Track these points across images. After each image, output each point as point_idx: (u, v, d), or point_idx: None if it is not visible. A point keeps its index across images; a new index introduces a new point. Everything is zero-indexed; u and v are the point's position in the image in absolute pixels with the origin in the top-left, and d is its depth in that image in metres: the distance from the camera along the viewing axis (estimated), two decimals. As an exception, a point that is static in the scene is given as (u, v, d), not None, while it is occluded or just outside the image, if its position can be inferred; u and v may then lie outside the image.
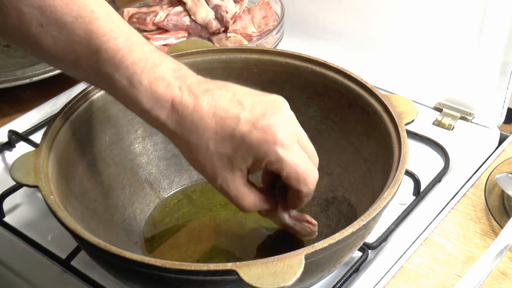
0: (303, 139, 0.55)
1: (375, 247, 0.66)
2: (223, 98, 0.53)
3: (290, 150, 0.53)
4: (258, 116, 0.52)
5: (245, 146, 0.52)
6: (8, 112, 0.92)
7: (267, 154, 0.52)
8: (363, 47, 0.93)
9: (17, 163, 0.59)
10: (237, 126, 0.52)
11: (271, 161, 0.53)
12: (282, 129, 0.52)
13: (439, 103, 0.88)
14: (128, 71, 0.53)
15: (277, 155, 0.52)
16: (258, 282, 0.46)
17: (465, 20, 0.81)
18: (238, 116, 0.52)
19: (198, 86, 0.54)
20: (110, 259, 0.53)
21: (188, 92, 0.53)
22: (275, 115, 0.53)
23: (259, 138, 0.52)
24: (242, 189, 0.56)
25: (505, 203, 0.72)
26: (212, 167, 0.54)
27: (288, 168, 0.53)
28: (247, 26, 0.94)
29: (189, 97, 0.53)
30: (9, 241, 0.70)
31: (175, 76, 0.54)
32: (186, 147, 0.55)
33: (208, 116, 0.53)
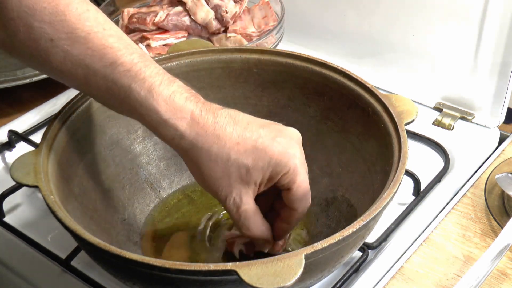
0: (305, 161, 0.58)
1: (375, 247, 0.66)
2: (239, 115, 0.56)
3: (304, 168, 0.56)
4: (277, 132, 0.55)
5: (267, 157, 0.54)
6: (8, 112, 0.92)
7: (287, 165, 0.54)
8: (363, 47, 0.93)
9: (17, 163, 0.59)
10: (258, 138, 0.54)
11: (288, 173, 0.55)
12: (297, 146, 0.56)
13: (439, 103, 0.88)
14: (146, 82, 0.54)
15: (295, 167, 0.55)
16: (258, 282, 0.46)
17: (465, 20, 0.81)
18: (258, 131, 0.55)
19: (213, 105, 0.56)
20: (110, 259, 0.53)
21: (205, 107, 0.55)
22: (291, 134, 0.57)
23: (281, 150, 0.54)
24: (253, 207, 0.56)
25: (505, 203, 0.72)
26: (229, 180, 0.54)
27: (299, 182, 0.55)
28: (247, 26, 0.94)
29: (208, 112, 0.54)
30: (9, 241, 0.70)
31: (190, 93, 0.55)
32: (204, 159, 0.54)
33: (229, 127, 0.54)
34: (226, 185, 0.55)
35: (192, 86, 0.57)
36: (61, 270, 0.66)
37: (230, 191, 0.55)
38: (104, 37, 0.55)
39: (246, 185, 0.55)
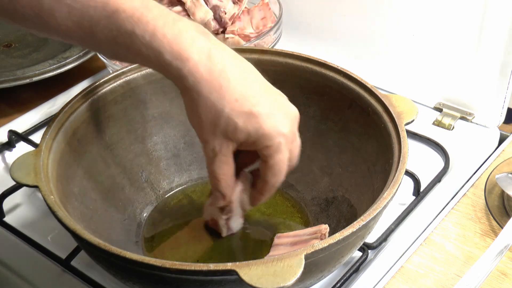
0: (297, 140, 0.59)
1: (375, 247, 0.66)
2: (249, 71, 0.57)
3: (287, 147, 0.57)
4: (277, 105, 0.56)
5: (257, 125, 0.55)
6: (8, 112, 0.92)
7: (271, 140, 0.56)
8: (363, 47, 0.93)
9: (17, 163, 0.59)
10: (257, 105, 0.55)
11: (270, 148, 0.56)
12: (290, 125, 0.57)
13: (439, 103, 0.88)
14: (149, 25, 0.54)
15: (279, 145, 0.56)
16: (258, 282, 0.46)
17: (465, 20, 0.81)
18: (260, 97, 0.55)
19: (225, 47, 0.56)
20: (110, 259, 0.53)
21: (217, 49, 0.55)
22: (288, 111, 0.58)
23: (273, 124, 0.55)
24: (229, 158, 0.58)
25: (505, 203, 0.72)
26: (214, 129, 0.56)
27: (277, 160, 0.57)
28: (245, 27, 0.94)
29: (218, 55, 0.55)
30: (9, 241, 0.70)
31: (198, 31, 0.55)
32: (200, 102, 0.55)
33: (234, 81, 0.55)
34: (211, 132, 0.56)
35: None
36: (61, 270, 0.66)
37: (213, 139, 0.56)
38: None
39: (230, 140, 0.56)
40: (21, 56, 1.01)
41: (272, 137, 0.55)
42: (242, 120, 0.55)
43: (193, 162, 0.76)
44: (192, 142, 0.76)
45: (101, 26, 0.55)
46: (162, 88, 0.73)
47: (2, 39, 1.06)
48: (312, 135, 0.73)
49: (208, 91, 0.54)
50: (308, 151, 0.73)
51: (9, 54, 1.02)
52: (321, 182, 0.71)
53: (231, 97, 0.54)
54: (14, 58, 1.01)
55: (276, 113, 0.56)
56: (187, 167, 0.76)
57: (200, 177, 0.76)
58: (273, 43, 0.91)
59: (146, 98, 0.72)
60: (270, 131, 0.55)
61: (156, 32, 0.54)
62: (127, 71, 0.70)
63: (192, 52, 0.54)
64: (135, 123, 0.72)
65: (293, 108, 0.59)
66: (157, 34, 0.54)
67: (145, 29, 0.54)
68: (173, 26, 0.54)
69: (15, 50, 1.04)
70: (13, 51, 1.03)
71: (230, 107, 0.54)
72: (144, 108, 0.72)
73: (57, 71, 0.94)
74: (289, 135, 0.56)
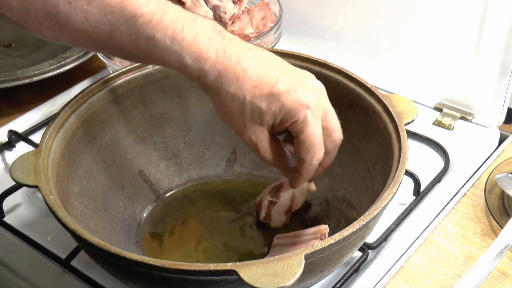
0: (330, 114, 0.59)
1: (375, 247, 0.66)
2: (265, 58, 0.57)
3: (316, 119, 0.57)
4: (296, 81, 0.57)
5: (280, 103, 0.56)
6: (8, 112, 0.92)
7: (297, 114, 0.56)
8: (363, 47, 0.93)
9: (17, 163, 0.59)
10: (276, 85, 0.56)
11: (297, 122, 0.56)
12: (315, 98, 0.57)
13: (439, 103, 0.88)
14: (168, 30, 0.55)
15: (305, 118, 0.56)
16: (258, 282, 0.46)
17: (465, 20, 0.81)
18: (278, 77, 0.56)
19: (240, 42, 0.57)
20: (110, 259, 0.53)
21: (231, 45, 0.56)
22: (311, 85, 0.58)
23: (294, 99, 0.56)
24: (269, 141, 0.59)
25: (505, 203, 0.72)
26: (243, 119, 0.57)
27: (307, 133, 0.57)
28: (245, 27, 0.94)
29: (233, 50, 0.56)
30: (9, 241, 0.70)
31: (214, 31, 0.57)
32: (223, 97, 0.57)
33: (250, 70, 0.56)
34: (241, 123, 0.58)
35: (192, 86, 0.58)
36: (61, 270, 0.66)
37: (245, 129, 0.58)
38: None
39: (260, 125, 0.57)
40: (21, 56, 1.01)
41: (297, 111, 0.56)
42: (264, 103, 0.56)
43: (193, 162, 0.76)
44: (192, 142, 0.76)
45: (119, 31, 0.56)
46: (162, 88, 0.73)
47: (2, 39, 1.06)
48: (312, 135, 0.73)
49: (227, 85, 0.56)
50: (308, 151, 0.73)
51: (9, 54, 1.02)
52: (321, 182, 0.71)
53: (249, 85, 0.56)
54: (14, 58, 1.01)
55: (297, 88, 0.56)
56: (187, 167, 0.76)
57: (200, 177, 0.76)
58: (273, 43, 0.91)
59: (146, 98, 0.72)
60: (293, 106, 0.56)
61: (176, 36, 0.55)
62: (127, 71, 0.70)
63: (210, 52, 0.56)
64: (135, 123, 0.72)
65: (316, 83, 0.59)
66: (177, 38, 0.55)
67: (165, 33, 0.55)
68: (191, 28, 0.56)
69: (15, 50, 1.03)
70: (13, 51, 1.03)
71: (250, 94, 0.56)
72: (144, 108, 0.72)
73: (57, 71, 0.94)
74: (314, 107, 0.56)
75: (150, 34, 0.56)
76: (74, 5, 0.55)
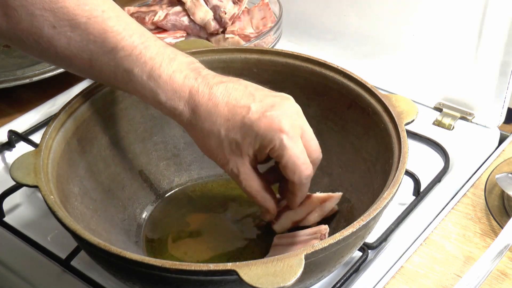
0: (307, 133, 0.59)
1: (375, 247, 0.66)
2: (235, 89, 0.58)
3: (294, 141, 0.57)
4: (268, 107, 0.57)
5: (253, 132, 0.56)
6: (8, 112, 0.92)
7: (273, 140, 0.56)
8: (363, 47, 0.93)
9: (17, 163, 0.59)
10: (247, 114, 0.56)
11: (275, 148, 0.57)
12: (289, 120, 0.57)
13: (439, 103, 0.88)
14: (147, 66, 0.56)
15: (281, 142, 0.56)
16: (258, 282, 0.46)
17: (465, 20, 0.81)
18: (249, 106, 0.56)
19: (213, 78, 0.58)
20: (110, 259, 0.53)
21: (204, 82, 0.57)
22: (284, 107, 0.57)
23: (266, 125, 0.56)
24: (251, 173, 0.59)
25: (505, 203, 0.72)
26: (223, 153, 0.58)
27: (287, 156, 0.57)
28: (245, 27, 0.94)
29: (205, 87, 0.57)
30: (9, 241, 0.70)
31: (190, 69, 0.58)
32: (199, 134, 0.58)
33: (221, 105, 0.57)
34: (222, 156, 0.59)
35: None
36: (61, 270, 0.66)
37: (227, 162, 0.59)
38: (103, 21, 0.56)
39: (240, 157, 0.58)
40: (21, 56, 1.01)
41: (272, 137, 0.56)
42: (239, 135, 0.57)
43: (193, 162, 0.76)
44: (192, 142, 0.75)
45: (100, 60, 0.57)
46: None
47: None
48: (312, 135, 0.73)
49: (201, 122, 0.57)
50: (308, 151, 0.73)
51: (9, 54, 1.02)
52: (321, 182, 0.71)
53: (222, 119, 0.57)
54: (14, 58, 1.01)
55: (269, 114, 0.56)
56: (187, 167, 0.76)
57: (200, 177, 0.76)
58: (273, 43, 0.91)
59: (146, 98, 0.72)
60: (267, 132, 0.56)
61: (153, 73, 0.56)
62: (127, 71, 0.70)
63: (183, 91, 0.57)
64: (135, 123, 0.72)
65: (290, 104, 0.59)
66: (153, 75, 0.56)
67: (143, 69, 0.57)
68: (169, 66, 0.57)
69: (15, 50, 1.03)
70: (13, 51, 1.03)
71: (224, 128, 0.57)
72: (144, 108, 0.72)
73: (57, 71, 0.94)
74: (289, 130, 0.56)
75: (129, 68, 0.57)
76: (58, 31, 0.56)
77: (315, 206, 0.66)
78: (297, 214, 0.66)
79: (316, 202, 0.66)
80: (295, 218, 0.67)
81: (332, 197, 0.66)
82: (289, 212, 0.66)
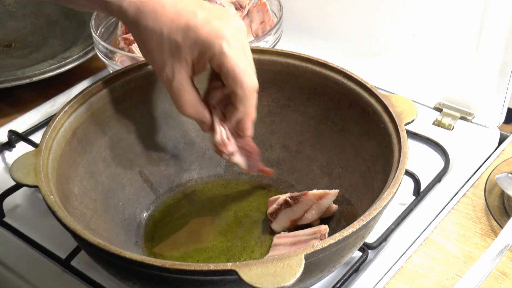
0: (247, 51, 0.59)
1: (375, 247, 0.66)
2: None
3: (234, 48, 0.57)
4: (214, 17, 0.57)
5: (194, 36, 0.56)
6: (8, 112, 0.92)
7: (212, 46, 0.56)
8: (363, 47, 0.93)
9: (17, 163, 0.59)
10: (192, 19, 0.57)
11: (214, 54, 0.57)
12: (231, 31, 0.57)
13: (439, 103, 0.88)
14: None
15: (221, 49, 0.56)
16: (258, 282, 0.46)
17: (465, 20, 0.81)
18: (195, 12, 0.57)
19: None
20: (110, 259, 0.53)
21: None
22: (229, 20, 0.58)
23: (209, 31, 0.56)
24: (186, 85, 0.59)
25: (505, 203, 0.72)
26: (162, 54, 0.58)
27: (228, 64, 0.57)
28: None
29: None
30: (9, 241, 0.70)
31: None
32: (142, 33, 0.58)
33: (168, 6, 0.57)
34: (160, 58, 0.58)
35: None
36: (61, 270, 0.66)
37: (163, 65, 0.59)
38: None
39: (178, 61, 0.58)
40: (21, 56, 1.01)
41: (212, 43, 0.56)
42: (180, 36, 0.57)
43: (193, 162, 0.76)
44: (192, 142, 0.76)
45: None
46: (162, 88, 0.72)
47: (2, 39, 1.06)
48: (312, 135, 0.73)
49: (146, 20, 0.57)
50: (308, 151, 0.74)
51: (9, 54, 1.02)
52: (321, 182, 0.71)
53: (167, 19, 0.57)
54: (14, 58, 1.01)
55: (216, 22, 0.56)
56: (187, 167, 0.76)
57: (200, 177, 0.76)
58: (273, 43, 0.91)
59: (146, 98, 0.72)
60: (208, 37, 0.56)
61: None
62: (127, 71, 0.70)
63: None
64: (135, 123, 0.72)
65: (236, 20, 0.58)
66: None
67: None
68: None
69: (15, 50, 1.04)
70: (13, 51, 1.03)
71: (167, 27, 0.57)
72: (144, 108, 0.72)
73: (57, 71, 0.94)
74: (230, 38, 0.56)
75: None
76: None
77: (312, 204, 0.66)
78: (294, 212, 0.67)
79: (312, 199, 0.66)
80: (293, 217, 0.67)
81: (329, 194, 0.66)
82: (286, 210, 0.67)
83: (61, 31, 1.05)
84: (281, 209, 0.67)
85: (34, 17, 1.10)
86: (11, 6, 1.13)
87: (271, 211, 0.68)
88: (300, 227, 0.67)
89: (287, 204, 0.67)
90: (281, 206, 0.67)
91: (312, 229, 0.65)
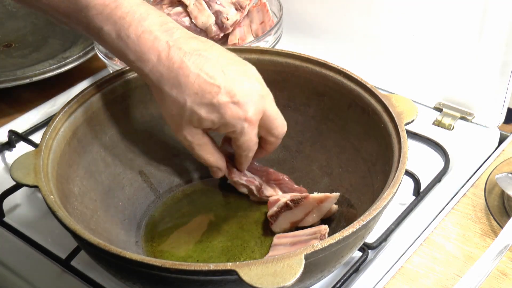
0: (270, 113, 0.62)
1: (375, 247, 0.66)
2: (208, 61, 0.58)
3: (253, 128, 0.61)
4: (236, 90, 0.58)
5: (219, 114, 0.59)
6: (8, 112, 0.92)
7: (235, 127, 0.60)
8: (363, 47, 0.93)
9: (17, 163, 0.59)
10: (217, 95, 0.58)
11: (235, 132, 0.61)
12: (254, 107, 0.60)
13: (439, 103, 0.88)
14: (116, 25, 0.57)
15: (242, 129, 0.60)
16: (258, 282, 0.46)
17: (465, 20, 0.81)
18: (220, 86, 0.58)
19: (186, 43, 0.58)
20: (110, 259, 0.53)
21: (175, 48, 0.58)
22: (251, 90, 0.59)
23: (234, 112, 0.59)
24: (203, 140, 0.63)
25: (505, 203, 0.72)
26: (182, 120, 0.60)
27: (243, 140, 0.62)
28: (246, 37, 0.94)
29: (176, 53, 0.57)
30: (9, 241, 0.70)
31: (162, 30, 0.58)
32: (165, 98, 0.59)
33: (192, 77, 0.57)
34: (178, 123, 0.60)
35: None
36: (61, 270, 0.66)
37: (181, 129, 0.61)
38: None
39: (195, 128, 0.61)
40: (21, 56, 1.01)
41: (235, 124, 0.59)
42: (204, 111, 0.58)
43: (193, 162, 0.76)
44: (192, 142, 0.76)
45: (74, 16, 0.58)
46: (162, 88, 0.73)
47: (2, 39, 1.06)
48: (312, 135, 0.73)
49: (169, 88, 0.58)
50: (308, 151, 0.74)
51: (9, 54, 1.02)
52: (321, 182, 0.71)
53: (191, 91, 0.57)
54: (14, 58, 1.01)
55: (237, 100, 0.58)
56: (187, 167, 0.76)
57: (200, 177, 0.76)
58: (273, 43, 0.91)
59: (146, 98, 0.72)
60: (232, 119, 0.59)
61: (121, 33, 0.57)
62: (127, 71, 0.70)
63: (152, 54, 0.57)
64: (135, 123, 0.72)
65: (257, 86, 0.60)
66: (121, 34, 0.57)
67: (112, 28, 0.57)
68: (138, 26, 0.57)
69: (15, 50, 1.04)
70: (13, 51, 1.03)
71: (191, 100, 0.58)
72: (144, 108, 0.72)
73: (57, 71, 0.94)
74: (251, 117, 0.59)
75: (98, 26, 0.57)
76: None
77: (313, 207, 0.66)
78: (294, 215, 0.66)
79: (313, 203, 0.66)
80: (293, 219, 0.67)
81: (329, 198, 0.66)
82: (287, 213, 0.66)
83: (61, 31, 1.05)
84: (282, 212, 0.67)
85: (34, 17, 1.10)
86: (11, 6, 1.13)
87: (271, 214, 0.68)
88: (300, 227, 0.67)
89: (288, 207, 0.66)
90: (282, 209, 0.67)
91: (312, 229, 0.65)
